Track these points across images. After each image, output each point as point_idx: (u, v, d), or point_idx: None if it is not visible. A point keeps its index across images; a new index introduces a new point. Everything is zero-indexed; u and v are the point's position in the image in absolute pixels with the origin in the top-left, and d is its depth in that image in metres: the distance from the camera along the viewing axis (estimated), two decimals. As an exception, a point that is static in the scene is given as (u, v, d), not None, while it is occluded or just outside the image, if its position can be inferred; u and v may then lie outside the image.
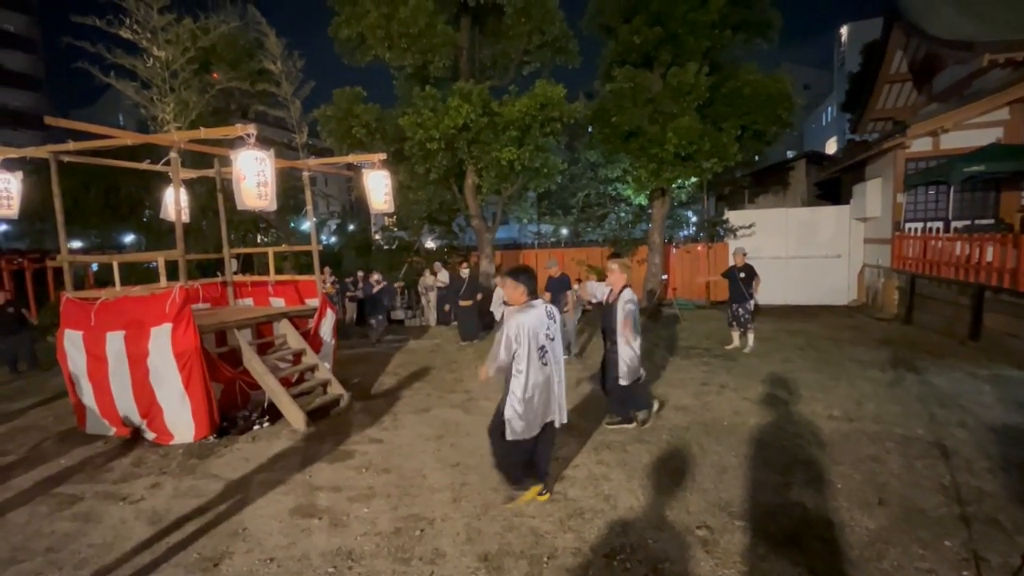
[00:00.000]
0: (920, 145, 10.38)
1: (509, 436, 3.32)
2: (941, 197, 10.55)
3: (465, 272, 9.49)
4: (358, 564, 2.92)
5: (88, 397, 5.11)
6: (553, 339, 3.41)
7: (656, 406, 5.04)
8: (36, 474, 4.32)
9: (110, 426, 5.07)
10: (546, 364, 3.35)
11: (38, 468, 4.45)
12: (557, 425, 3.51)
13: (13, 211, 5.43)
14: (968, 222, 9.96)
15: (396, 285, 10.40)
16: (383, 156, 6.35)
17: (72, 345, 5.09)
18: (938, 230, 10.16)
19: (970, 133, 9.81)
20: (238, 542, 3.19)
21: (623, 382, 4.54)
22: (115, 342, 4.85)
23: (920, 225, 10.60)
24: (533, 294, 3.36)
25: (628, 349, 4.50)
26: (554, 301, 7.48)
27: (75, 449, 4.84)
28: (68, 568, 3.00)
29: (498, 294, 8.29)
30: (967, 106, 9.93)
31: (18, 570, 3.00)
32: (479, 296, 9.34)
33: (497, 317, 8.38)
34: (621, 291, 4.59)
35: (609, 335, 4.70)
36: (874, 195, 11.41)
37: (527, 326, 3.24)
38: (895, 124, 13.03)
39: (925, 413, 4.88)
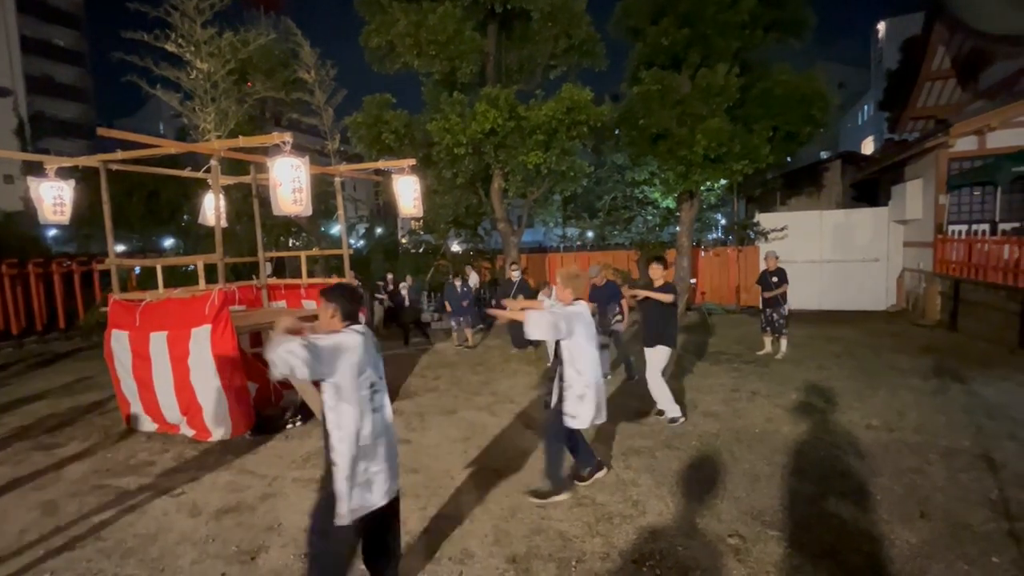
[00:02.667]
0: (964, 144, 9.96)
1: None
2: (987, 198, 10.09)
3: (516, 275, 8.86)
4: (388, 562, 2.97)
5: (133, 395, 5.34)
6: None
7: (592, 473, 3.78)
8: (85, 467, 4.54)
9: (153, 422, 5.29)
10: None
11: (87, 461, 4.68)
12: None
13: (66, 217, 5.73)
14: (1017, 224, 9.50)
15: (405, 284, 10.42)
16: (412, 161, 6.45)
17: (118, 344, 5.34)
18: (984, 233, 9.72)
19: (1019, 131, 9.38)
20: (273, 536, 3.28)
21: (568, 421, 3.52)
22: (158, 342, 5.06)
23: (964, 227, 10.15)
24: (351, 318, 2.48)
25: (577, 378, 3.48)
26: (601, 313, 6.58)
27: (120, 444, 5.07)
28: (115, 556, 3.15)
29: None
30: (1017, 103, 9.49)
31: (70, 556, 3.16)
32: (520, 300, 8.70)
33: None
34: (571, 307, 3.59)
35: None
36: (915, 196, 10.98)
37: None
38: (937, 122, 12.55)
39: (971, 424, 4.67)
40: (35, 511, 3.75)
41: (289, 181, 4.75)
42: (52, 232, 17.58)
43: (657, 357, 5.03)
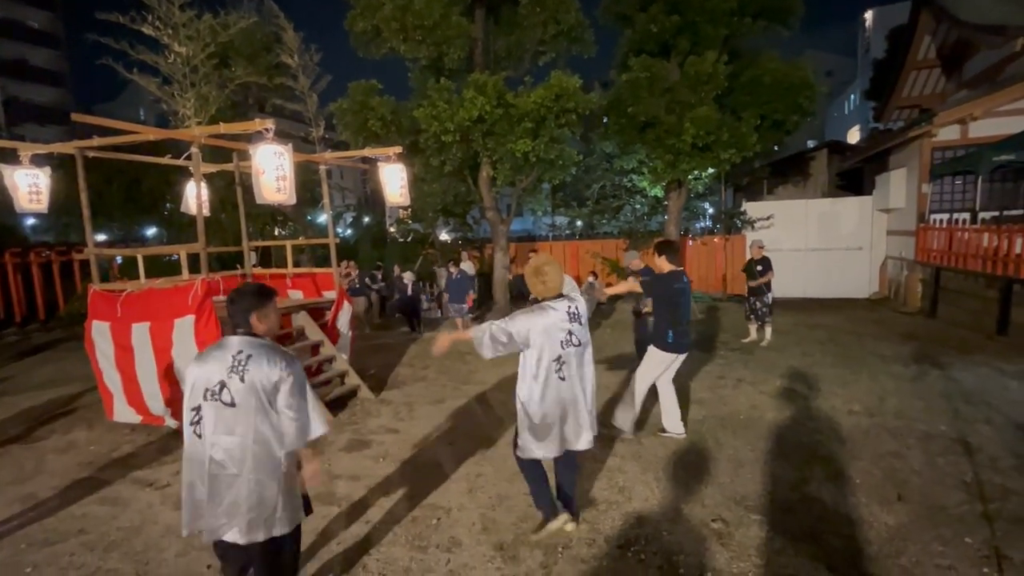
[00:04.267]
0: (948, 134, 10.09)
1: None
2: (968, 187, 10.26)
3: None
4: (376, 551, 2.99)
5: (116, 386, 5.26)
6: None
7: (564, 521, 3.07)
8: (67, 459, 4.48)
9: (136, 414, 5.21)
10: None
11: (69, 454, 4.62)
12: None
13: (43, 205, 5.58)
14: (996, 213, 9.68)
15: (407, 277, 10.39)
16: (398, 149, 6.37)
17: (100, 335, 5.24)
18: (965, 221, 9.89)
19: (1001, 120, 9.49)
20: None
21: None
22: (140, 333, 4.97)
23: (946, 216, 10.33)
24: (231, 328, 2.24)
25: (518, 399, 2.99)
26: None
27: (103, 436, 5.01)
28: (99, 550, 3.12)
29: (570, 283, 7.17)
30: (998, 92, 9.61)
31: (52, 551, 3.13)
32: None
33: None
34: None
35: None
36: (898, 185, 11.13)
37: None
38: (922, 112, 12.66)
39: (949, 409, 4.78)
40: (16, 504, 3.70)
41: (272, 169, 4.66)
42: (30, 221, 17.18)
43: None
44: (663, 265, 4.24)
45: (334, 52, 11.93)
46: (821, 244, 12.42)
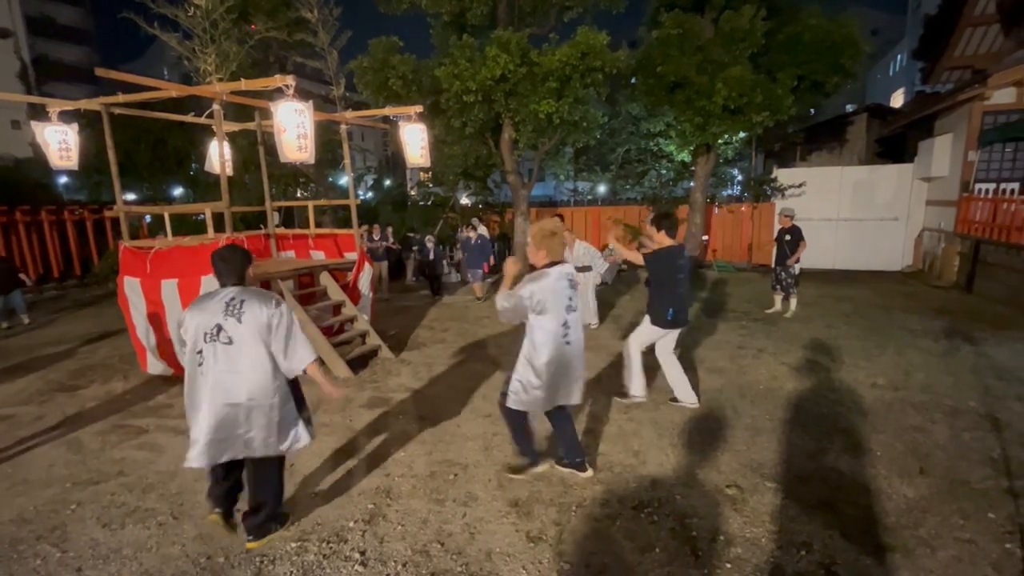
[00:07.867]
0: (1002, 97, 9.44)
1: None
2: (1020, 155, 9.66)
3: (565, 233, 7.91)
4: (396, 502, 3.10)
5: (148, 340, 5.46)
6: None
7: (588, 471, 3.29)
8: (106, 408, 4.72)
9: (168, 367, 5.43)
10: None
11: (107, 403, 4.86)
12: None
13: (73, 163, 5.68)
14: (1049, 183, 9.13)
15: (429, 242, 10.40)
16: (419, 108, 6.26)
17: (132, 291, 5.41)
18: (1012, 192, 9.36)
19: (1062, 83, 8.84)
20: (286, 477, 3.41)
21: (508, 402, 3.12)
22: (169, 289, 5.12)
23: (992, 186, 9.78)
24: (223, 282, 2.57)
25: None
26: None
27: (139, 387, 5.24)
28: (137, 491, 3.31)
29: (588, 251, 7.16)
30: (1062, 52, 8.90)
31: (96, 490, 3.33)
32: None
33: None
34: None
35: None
36: (942, 152, 10.54)
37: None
38: (975, 73, 11.86)
39: (979, 385, 4.65)
40: (61, 447, 3.93)
41: (294, 127, 4.64)
42: (63, 180, 17.63)
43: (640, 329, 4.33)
44: (663, 239, 4.03)
45: (354, 7, 11.65)
46: (854, 214, 11.96)
